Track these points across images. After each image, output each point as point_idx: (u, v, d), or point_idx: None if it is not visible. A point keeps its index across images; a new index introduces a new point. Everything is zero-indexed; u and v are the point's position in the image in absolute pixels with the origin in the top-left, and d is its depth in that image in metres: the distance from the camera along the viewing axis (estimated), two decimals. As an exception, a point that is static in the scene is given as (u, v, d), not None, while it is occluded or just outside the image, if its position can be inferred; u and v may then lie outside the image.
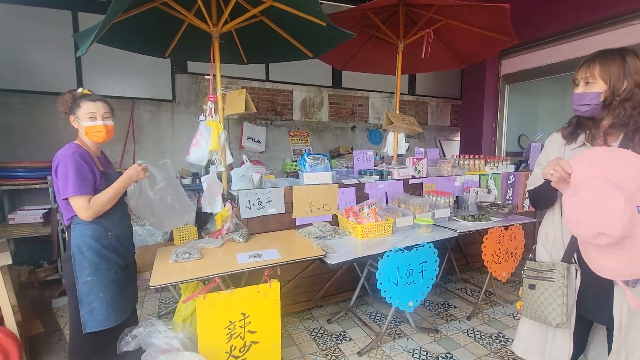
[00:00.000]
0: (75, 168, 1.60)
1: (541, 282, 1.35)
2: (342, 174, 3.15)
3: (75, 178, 1.60)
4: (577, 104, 1.30)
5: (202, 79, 4.64)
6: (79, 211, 1.63)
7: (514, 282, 3.45)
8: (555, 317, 1.29)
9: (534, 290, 1.37)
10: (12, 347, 1.96)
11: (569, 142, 1.39)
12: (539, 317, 1.35)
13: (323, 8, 2.20)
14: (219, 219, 2.43)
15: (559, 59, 4.74)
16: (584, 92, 1.28)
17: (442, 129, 6.79)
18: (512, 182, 3.68)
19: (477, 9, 2.96)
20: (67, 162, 1.60)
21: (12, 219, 3.10)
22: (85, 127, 1.70)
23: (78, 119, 1.70)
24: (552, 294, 1.31)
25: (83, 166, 1.64)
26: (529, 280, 1.41)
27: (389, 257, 2.07)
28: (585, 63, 1.28)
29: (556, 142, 1.45)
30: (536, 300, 1.35)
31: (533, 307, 1.37)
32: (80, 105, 1.70)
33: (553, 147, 1.45)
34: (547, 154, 1.48)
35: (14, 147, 3.73)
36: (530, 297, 1.39)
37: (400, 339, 2.47)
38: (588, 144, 1.33)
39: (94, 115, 1.71)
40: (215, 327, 1.77)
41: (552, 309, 1.30)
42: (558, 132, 1.47)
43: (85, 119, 1.70)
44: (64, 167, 1.60)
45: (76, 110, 1.70)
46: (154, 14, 2.43)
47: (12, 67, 3.73)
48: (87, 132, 1.71)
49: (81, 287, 1.69)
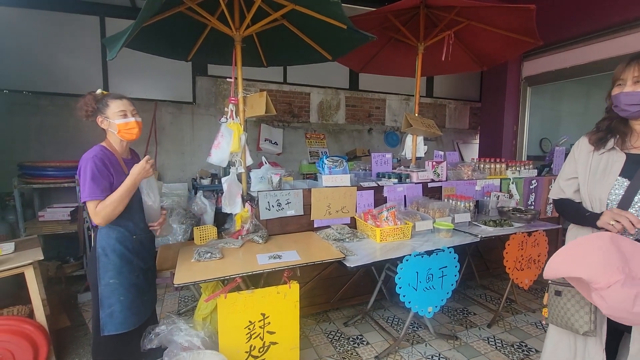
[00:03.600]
0: (92, 172, 1.57)
1: (568, 288, 1.31)
2: (360, 177, 3.14)
3: (91, 182, 1.57)
4: (627, 104, 1.23)
5: (221, 81, 4.72)
6: (91, 216, 1.61)
7: (537, 290, 3.35)
8: (583, 324, 1.26)
9: (560, 297, 1.34)
10: (42, 340, 2.04)
11: (597, 147, 1.35)
12: (566, 324, 1.32)
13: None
14: (239, 219, 2.47)
15: (584, 60, 4.58)
16: (635, 92, 1.21)
17: (460, 131, 6.68)
18: (534, 187, 3.58)
19: (501, 10, 2.91)
20: (86, 166, 1.59)
21: (42, 216, 3.24)
22: (119, 125, 1.67)
23: (108, 118, 1.67)
24: (579, 301, 1.27)
25: (102, 170, 1.60)
26: (555, 286, 1.37)
27: (409, 261, 2.05)
28: (636, 60, 1.21)
29: (584, 148, 1.41)
30: (562, 307, 1.32)
31: (559, 314, 1.34)
32: (108, 104, 1.68)
33: (581, 153, 1.41)
34: (574, 160, 1.44)
35: (44, 147, 3.89)
36: (556, 304, 1.36)
37: (418, 345, 2.44)
38: (617, 148, 1.29)
39: (124, 113, 1.68)
40: (236, 327, 1.79)
41: (579, 317, 1.27)
42: (585, 137, 1.42)
43: (117, 117, 1.67)
44: (83, 170, 1.59)
45: (104, 110, 1.67)
46: (178, 19, 2.50)
47: (43, 71, 3.90)
48: (121, 129, 1.68)
49: (103, 289, 1.69)
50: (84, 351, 2.35)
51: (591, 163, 1.36)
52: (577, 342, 1.37)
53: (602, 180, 1.31)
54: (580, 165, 1.40)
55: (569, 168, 1.46)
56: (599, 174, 1.33)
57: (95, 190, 1.57)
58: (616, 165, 1.28)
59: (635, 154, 1.28)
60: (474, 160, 3.65)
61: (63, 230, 3.23)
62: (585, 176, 1.37)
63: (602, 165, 1.32)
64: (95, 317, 1.73)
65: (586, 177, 1.36)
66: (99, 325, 1.70)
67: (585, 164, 1.38)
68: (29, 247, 2.31)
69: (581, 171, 1.39)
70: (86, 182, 1.57)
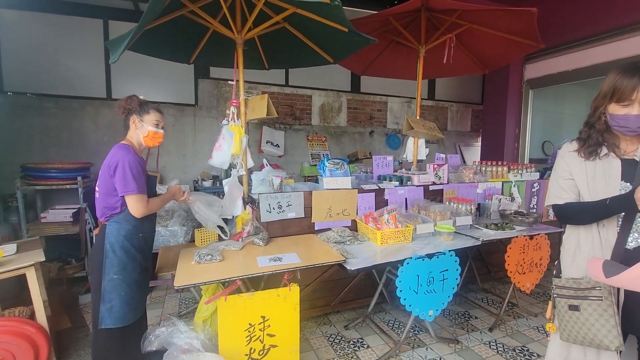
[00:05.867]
0: (135, 169, 1.76)
1: (586, 301, 1.22)
2: (361, 179, 3.13)
3: (137, 178, 1.76)
4: (637, 127, 1.18)
5: (223, 84, 4.74)
6: (134, 208, 1.77)
7: (538, 294, 3.32)
8: (613, 339, 1.17)
9: (578, 312, 1.24)
10: (43, 341, 2.04)
11: (587, 158, 1.31)
12: (591, 341, 1.21)
13: (344, 14, 2.21)
14: (240, 221, 2.47)
15: (587, 63, 4.58)
16: None
17: (462, 134, 6.67)
18: (536, 190, 3.57)
19: (502, 13, 2.91)
20: (127, 162, 1.74)
21: (44, 217, 3.25)
22: (150, 131, 1.89)
23: (143, 122, 1.88)
24: (603, 314, 1.19)
25: (140, 167, 1.80)
26: (567, 300, 1.27)
27: (410, 264, 2.04)
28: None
29: (573, 157, 1.35)
30: (583, 324, 1.22)
31: (579, 331, 1.24)
32: (149, 112, 1.89)
33: (572, 160, 1.35)
34: (566, 165, 1.36)
35: (47, 149, 3.91)
36: (574, 320, 1.25)
37: (419, 349, 2.42)
38: (612, 154, 1.27)
39: (158, 123, 1.92)
40: (236, 329, 1.79)
41: (606, 332, 1.17)
42: (571, 148, 1.36)
43: (151, 124, 1.89)
44: (123, 166, 1.74)
45: (144, 114, 1.88)
46: (180, 22, 2.51)
47: (47, 73, 3.93)
48: (149, 135, 1.89)
49: (106, 284, 1.77)
50: (84, 352, 2.36)
51: (587, 169, 1.31)
52: (586, 355, 1.29)
53: (605, 184, 1.26)
54: (575, 170, 1.33)
55: (563, 171, 1.38)
56: (598, 178, 1.28)
57: (140, 185, 1.78)
58: (615, 170, 1.26)
59: (628, 159, 1.26)
60: (475, 163, 3.64)
61: (65, 232, 3.24)
62: (584, 180, 1.30)
63: (600, 170, 1.28)
64: (95, 312, 1.81)
65: (585, 180, 1.30)
66: (98, 319, 1.78)
67: (580, 170, 1.32)
68: (31, 249, 2.32)
69: (578, 176, 1.32)
70: (129, 177, 1.74)
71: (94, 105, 4.10)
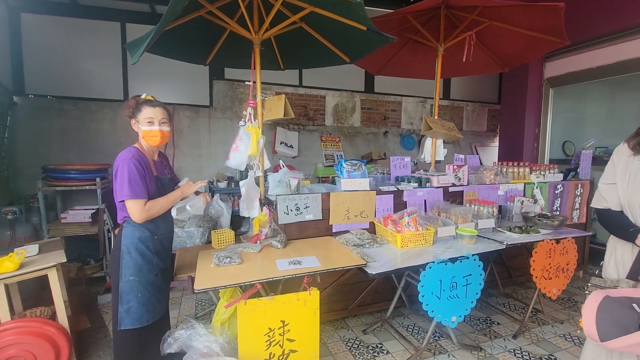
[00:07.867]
0: (132, 172, 1.68)
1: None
2: (378, 181, 3.07)
3: (132, 182, 1.68)
4: None
5: (238, 85, 4.75)
6: (132, 214, 1.71)
7: (564, 300, 3.20)
8: None
9: None
10: (64, 341, 2.05)
11: (636, 152, 1.31)
12: None
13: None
14: (257, 223, 2.44)
15: (612, 60, 4.40)
16: None
17: (478, 134, 6.52)
18: (560, 192, 3.44)
19: (526, 9, 2.81)
20: (125, 166, 1.69)
21: (64, 218, 3.30)
22: (143, 130, 1.80)
23: (138, 122, 1.81)
24: None
25: (140, 171, 1.72)
26: None
27: (432, 268, 1.98)
28: None
29: (623, 153, 1.37)
30: None
31: None
32: (141, 110, 1.80)
33: (621, 158, 1.37)
34: (613, 166, 1.40)
35: (67, 150, 3.98)
36: None
37: (440, 355, 2.35)
38: None
39: (152, 120, 1.80)
40: (255, 334, 1.76)
41: None
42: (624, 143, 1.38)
43: (144, 123, 1.79)
44: (122, 170, 1.69)
45: (137, 114, 1.80)
46: (196, 23, 2.51)
47: (67, 76, 4.00)
48: (145, 135, 1.81)
49: (123, 286, 1.77)
50: (104, 353, 2.37)
51: (631, 169, 1.32)
52: (612, 356, 1.30)
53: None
54: (619, 170, 1.36)
55: (609, 173, 1.42)
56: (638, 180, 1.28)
57: (137, 189, 1.69)
58: None
59: None
60: (495, 164, 3.54)
61: (84, 232, 3.28)
62: (625, 182, 1.33)
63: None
64: (114, 313, 1.81)
65: (625, 183, 1.33)
66: (117, 320, 1.78)
67: (625, 169, 1.34)
68: (52, 249, 2.34)
69: (620, 177, 1.35)
70: (125, 182, 1.67)
71: (112, 107, 4.16)
